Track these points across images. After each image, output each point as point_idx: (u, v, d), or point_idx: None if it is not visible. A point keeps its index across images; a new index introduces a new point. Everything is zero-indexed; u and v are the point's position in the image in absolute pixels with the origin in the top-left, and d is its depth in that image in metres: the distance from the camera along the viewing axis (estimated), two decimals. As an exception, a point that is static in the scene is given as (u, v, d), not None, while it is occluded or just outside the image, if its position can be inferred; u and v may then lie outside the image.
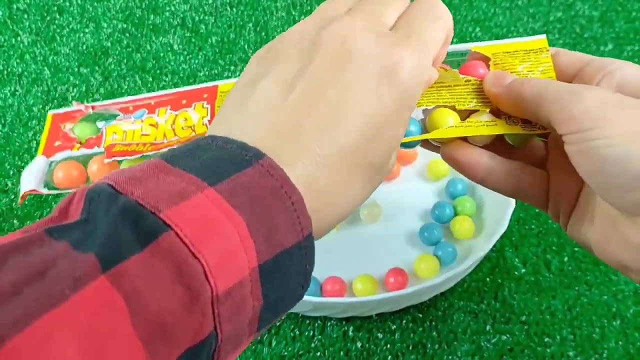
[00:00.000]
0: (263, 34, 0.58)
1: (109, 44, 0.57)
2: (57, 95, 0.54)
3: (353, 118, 0.23)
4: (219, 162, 0.21)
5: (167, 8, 0.60)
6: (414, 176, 0.47)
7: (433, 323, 0.40)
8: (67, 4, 0.60)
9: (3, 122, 0.52)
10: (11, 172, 0.48)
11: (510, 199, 0.40)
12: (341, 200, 0.23)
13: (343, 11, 0.25)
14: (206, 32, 0.58)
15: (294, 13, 0.59)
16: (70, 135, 0.33)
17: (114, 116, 0.34)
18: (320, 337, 0.39)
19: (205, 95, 0.33)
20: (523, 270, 0.42)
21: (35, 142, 0.50)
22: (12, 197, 0.47)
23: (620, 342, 0.38)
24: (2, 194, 0.47)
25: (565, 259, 0.42)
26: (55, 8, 0.60)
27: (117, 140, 0.32)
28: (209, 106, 0.33)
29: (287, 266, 0.21)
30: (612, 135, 0.23)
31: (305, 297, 0.37)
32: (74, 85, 0.55)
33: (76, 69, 0.56)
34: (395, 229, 0.44)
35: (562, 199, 0.28)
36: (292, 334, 0.39)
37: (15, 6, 0.61)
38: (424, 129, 0.29)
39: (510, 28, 0.57)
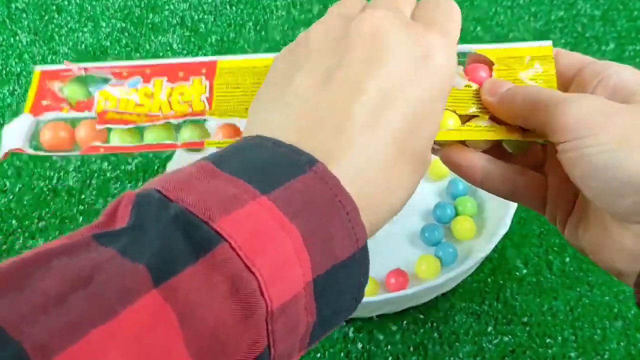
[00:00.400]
0: (263, 33, 0.58)
1: (108, 43, 0.57)
2: (55, 94, 0.54)
3: (396, 106, 0.22)
4: (271, 167, 0.20)
5: (166, 7, 0.60)
6: (415, 176, 0.47)
7: (434, 324, 0.40)
8: (66, 3, 0.60)
9: (1, 121, 0.52)
10: (9, 172, 0.48)
11: (512, 199, 0.40)
12: (391, 196, 0.23)
13: (358, 9, 0.25)
14: (206, 31, 0.58)
15: (293, 12, 0.59)
16: (58, 95, 0.32)
17: (106, 80, 0.32)
18: (320, 338, 0.39)
19: (203, 70, 0.32)
20: (525, 271, 0.42)
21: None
22: (11, 197, 0.46)
23: (621, 343, 0.38)
24: (0, 194, 0.47)
25: (567, 259, 0.42)
26: (54, 7, 0.60)
27: (109, 107, 0.31)
28: (207, 82, 0.32)
29: (342, 280, 0.20)
30: (603, 142, 0.23)
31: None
32: (72, 84, 0.54)
33: (75, 69, 0.56)
34: (396, 229, 0.43)
35: (559, 204, 0.28)
36: (292, 336, 0.39)
37: (13, 5, 0.60)
38: None
39: (512, 27, 0.57)
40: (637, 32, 0.56)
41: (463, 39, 0.30)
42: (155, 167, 0.48)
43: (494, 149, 0.29)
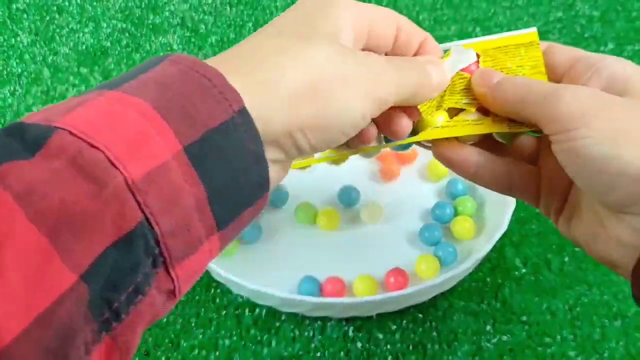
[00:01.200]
0: (263, 33, 0.58)
1: (109, 44, 0.57)
2: (56, 95, 0.54)
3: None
4: (134, 71, 0.20)
5: (167, 8, 0.60)
6: (414, 176, 0.47)
7: (433, 323, 0.40)
8: (67, 3, 0.60)
9: (2, 122, 0.52)
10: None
11: (511, 198, 0.40)
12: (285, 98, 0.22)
13: None
14: (206, 31, 0.58)
15: (293, 13, 0.59)
16: None
17: None
18: (320, 337, 0.39)
19: None
20: (523, 270, 0.42)
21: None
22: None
23: (621, 342, 0.38)
24: (1, 194, 0.47)
25: (566, 258, 0.42)
26: (55, 8, 0.60)
27: None
28: None
29: (224, 145, 0.19)
30: (594, 134, 0.24)
31: (306, 297, 0.37)
32: (73, 85, 0.55)
33: (75, 69, 0.56)
34: (396, 229, 0.44)
35: (553, 196, 0.29)
36: (292, 334, 0.39)
37: (14, 6, 0.61)
38: (414, 129, 0.29)
39: (511, 27, 0.57)
40: (636, 32, 0.57)
41: (462, 39, 0.30)
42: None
43: (486, 141, 0.29)
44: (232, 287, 0.40)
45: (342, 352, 0.39)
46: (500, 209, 0.41)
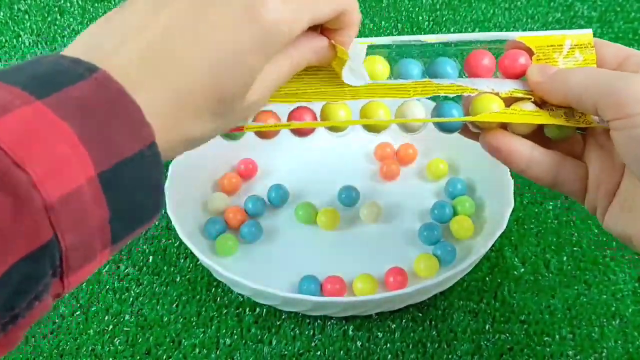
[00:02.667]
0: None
1: (110, 45, 0.58)
2: (58, 95, 0.54)
3: (207, 51, 0.23)
4: (50, 75, 0.21)
5: (168, 9, 0.61)
6: (414, 176, 0.47)
7: (433, 322, 0.40)
8: (68, 4, 0.61)
9: (4, 122, 0.52)
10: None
11: (510, 198, 0.41)
12: (189, 129, 0.24)
13: None
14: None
15: (294, 14, 0.60)
16: None
17: None
18: (320, 336, 0.39)
19: None
20: (522, 270, 0.42)
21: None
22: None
23: (619, 342, 0.39)
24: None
25: (565, 258, 0.43)
26: (56, 9, 0.60)
27: None
28: None
29: (132, 175, 0.21)
30: None
31: (306, 297, 0.37)
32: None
33: (77, 70, 0.56)
34: (395, 228, 0.44)
35: (600, 191, 0.29)
36: (292, 333, 0.40)
37: (16, 7, 0.61)
38: (467, 115, 0.30)
39: (510, 28, 0.57)
40: (634, 33, 0.57)
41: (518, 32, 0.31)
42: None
43: (534, 136, 0.29)
44: (233, 287, 0.40)
45: (342, 351, 0.39)
46: (499, 209, 0.41)
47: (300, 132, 0.32)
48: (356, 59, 0.30)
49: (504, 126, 0.30)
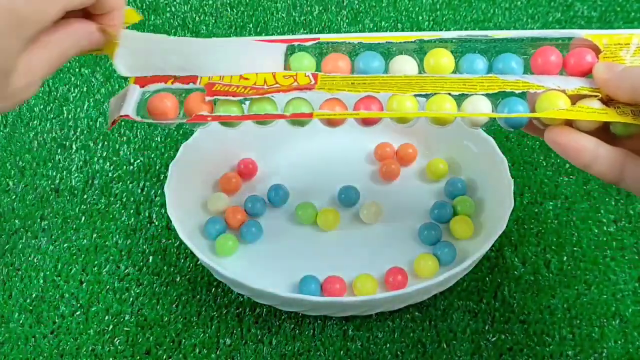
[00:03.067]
0: (263, 34, 0.58)
1: (110, 45, 0.57)
2: (58, 95, 0.54)
3: None
4: None
5: (168, 9, 0.60)
6: (414, 176, 0.47)
7: (432, 322, 0.40)
8: (68, 5, 0.61)
9: (4, 122, 0.52)
10: (12, 172, 0.48)
11: (510, 198, 0.41)
12: None
13: None
14: (207, 32, 0.59)
15: (294, 14, 0.60)
16: None
17: None
18: (320, 336, 0.39)
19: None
20: (522, 270, 0.42)
21: (36, 142, 0.51)
22: (13, 196, 0.47)
23: (619, 342, 0.39)
24: (3, 193, 0.47)
25: (565, 258, 0.43)
26: (56, 9, 0.60)
27: (214, 79, 0.31)
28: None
29: None
30: None
31: (306, 297, 0.37)
32: (75, 85, 0.55)
33: (77, 70, 0.56)
34: (395, 228, 0.44)
35: None
36: (292, 333, 0.40)
37: (16, 7, 0.61)
38: (533, 111, 0.30)
39: (510, 28, 0.57)
40: (635, 33, 0.57)
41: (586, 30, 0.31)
42: (157, 167, 0.48)
43: (599, 133, 0.29)
44: (233, 287, 0.40)
45: (341, 351, 0.39)
46: (499, 209, 0.41)
47: (365, 122, 0.32)
48: (132, 44, 0.30)
49: (569, 123, 0.30)
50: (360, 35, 0.32)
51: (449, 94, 0.30)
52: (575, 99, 0.30)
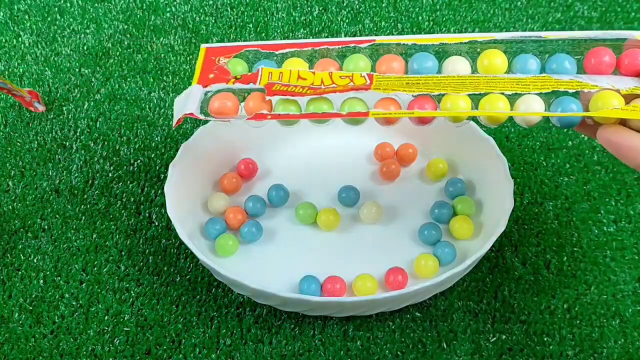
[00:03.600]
0: (263, 34, 0.58)
1: (110, 45, 0.58)
2: (58, 95, 0.54)
3: None
4: None
5: (168, 9, 0.61)
6: (414, 176, 0.47)
7: (433, 322, 0.40)
8: (68, 5, 0.61)
9: (5, 122, 0.52)
10: (12, 173, 0.48)
11: (510, 199, 0.41)
12: None
13: None
14: (207, 32, 0.59)
15: (294, 14, 0.60)
16: (225, 68, 0.34)
17: (267, 56, 0.34)
18: (320, 336, 0.39)
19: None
20: (522, 270, 0.42)
21: (36, 142, 0.51)
22: (13, 197, 0.47)
23: (619, 342, 0.39)
24: (3, 194, 0.47)
25: (565, 258, 0.43)
26: (56, 9, 0.60)
27: (273, 79, 0.33)
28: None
29: None
30: None
31: (306, 297, 0.37)
32: (75, 85, 0.55)
33: (77, 70, 0.56)
34: (395, 228, 0.44)
35: None
36: (292, 333, 0.40)
37: (16, 7, 0.61)
38: (586, 111, 0.30)
39: (510, 29, 0.57)
40: (635, 33, 0.57)
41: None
42: (157, 167, 0.48)
43: None
44: (233, 287, 0.40)
45: (342, 351, 0.39)
46: (499, 209, 0.41)
47: (420, 121, 0.33)
48: None
49: (623, 122, 0.30)
50: (414, 37, 0.33)
51: (502, 93, 0.31)
52: (629, 98, 0.30)
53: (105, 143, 0.50)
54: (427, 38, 0.32)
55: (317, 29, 0.58)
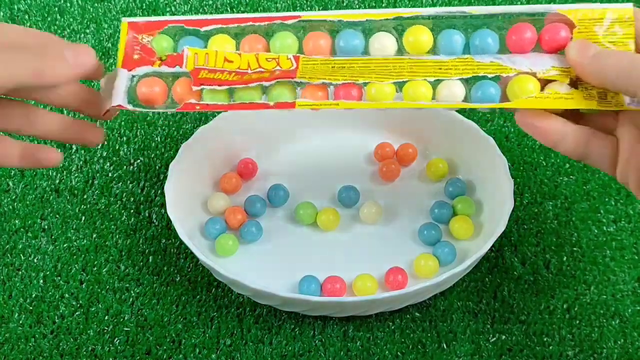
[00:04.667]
0: (263, 34, 0.58)
1: (110, 45, 0.57)
2: (58, 95, 0.54)
3: None
4: None
5: (168, 9, 0.60)
6: (414, 176, 0.47)
7: (432, 322, 0.40)
8: (68, 4, 0.61)
9: (4, 122, 0.52)
10: (12, 172, 0.48)
11: (510, 198, 0.41)
12: None
13: None
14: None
15: (294, 14, 0.60)
16: (149, 47, 0.33)
17: (192, 33, 0.34)
18: (320, 336, 0.39)
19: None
20: (522, 270, 0.42)
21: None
22: (14, 196, 0.47)
23: (619, 342, 0.39)
24: (3, 194, 0.47)
25: (564, 258, 0.43)
26: (56, 9, 0.60)
27: (199, 62, 0.32)
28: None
29: None
30: None
31: (306, 297, 0.37)
32: (75, 85, 0.55)
33: (77, 70, 0.56)
34: (395, 228, 0.44)
35: (631, 165, 0.30)
36: (292, 334, 0.40)
37: (16, 7, 0.61)
38: (503, 94, 0.31)
39: (510, 29, 0.57)
40: (635, 33, 0.57)
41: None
42: (157, 167, 0.49)
43: (568, 110, 0.31)
44: (233, 287, 0.40)
45: (342, 352, 0.39)
46: (499, 209, 0.41)
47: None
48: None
49: None
50: (340, 12, 0.33)
51: (425, 79, 0.32)
52: (545, 82, 0.31)
53: (105, 143, 0.50)
54: (353, 14, 0.32)
55: (317, 28, 0.58)
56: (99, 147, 0.50)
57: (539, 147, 0.49)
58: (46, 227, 0.45)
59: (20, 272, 0.42)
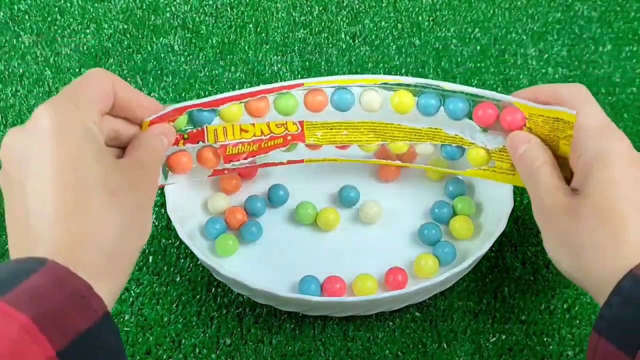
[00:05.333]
0: (263, 34, 0.58)
1: (110, 45, 0.58)
2: (58, 95, 0.54)
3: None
4: (7, 275, 0.24)
5: (168, 9, 0.60)
6: (414, 176, 0.47)
7: (433, 322, 0.40)
8: (68, 4, 0.61)
9: (4, 122, 0.52)
10: (12, 173, 0.48)
11: (510, 198, 0.41)
12: (119, 264, 0.29)
13: None
14: (207, 32, 0.59)
15: (294, 14, 0.60)
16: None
17: (208, 111, 0.38)
18: (320, 336, 0.39)
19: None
20: (522, 270, 0.42)
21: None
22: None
23: (619, 341, 0.39)
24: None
25: (564, 258, 0.43)
26: (56, 9, 0.60)
27: (219, 137, 0.40)
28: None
29: (91, 345, 0.23)
30: (547, 240, 0.34)
31: (306, 297, 0.37)
32: (74, 85, 0.55)
33: (77, 70, 0.56)
34: (395, 228, 0.44)
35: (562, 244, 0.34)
36: (292, 333, 0.40)
37: (16, 7, 0.61)
38: (465, 157, 0.41)
39: (509, 29, 0.57)
40: (634, 33, 0.57)
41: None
42: (157, 168, 0.48)
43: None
44: (233, 287, 0.40)
45: (342, 352, 0.39)
46: (499, 209, 0.41)
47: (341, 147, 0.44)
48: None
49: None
50: (337, 78, 0.39)
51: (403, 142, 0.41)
52: (496, 155, 0.39)
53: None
54: (348, 80, 0.39)
55: (317, 29, 0.58)
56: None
57: (539, 147, 0.49)
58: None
59: (20, 272, 0.42)
